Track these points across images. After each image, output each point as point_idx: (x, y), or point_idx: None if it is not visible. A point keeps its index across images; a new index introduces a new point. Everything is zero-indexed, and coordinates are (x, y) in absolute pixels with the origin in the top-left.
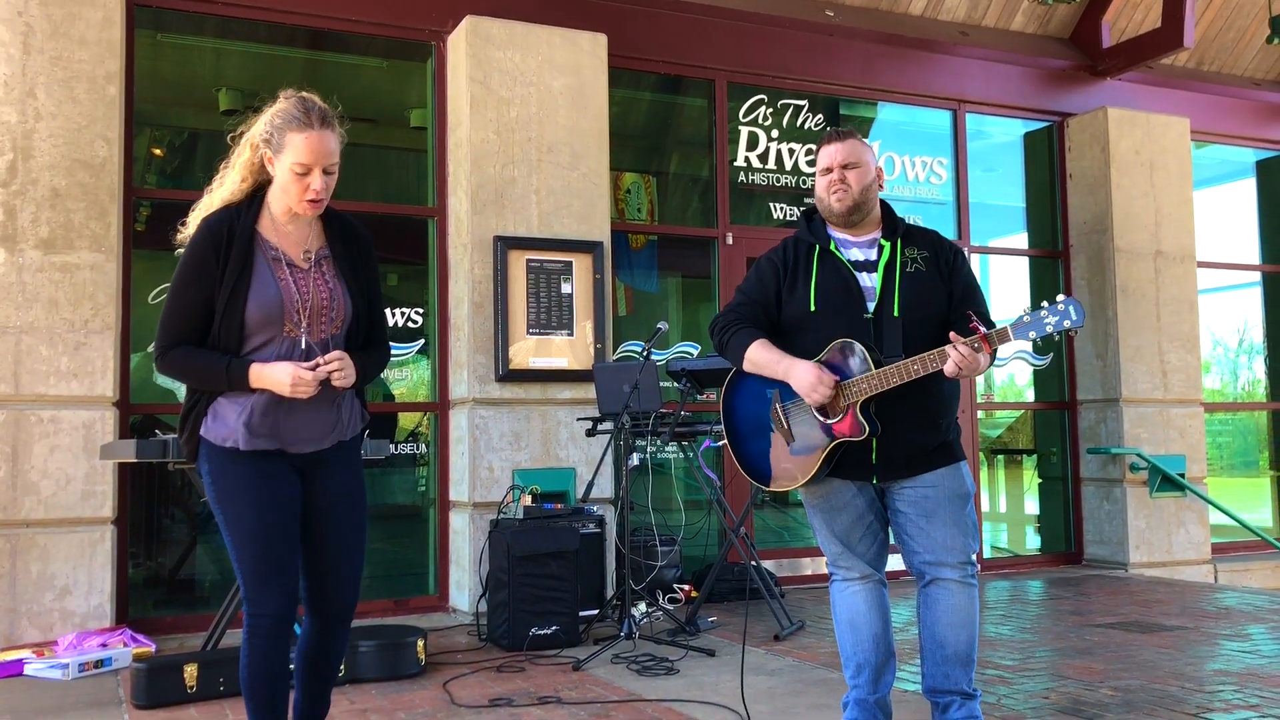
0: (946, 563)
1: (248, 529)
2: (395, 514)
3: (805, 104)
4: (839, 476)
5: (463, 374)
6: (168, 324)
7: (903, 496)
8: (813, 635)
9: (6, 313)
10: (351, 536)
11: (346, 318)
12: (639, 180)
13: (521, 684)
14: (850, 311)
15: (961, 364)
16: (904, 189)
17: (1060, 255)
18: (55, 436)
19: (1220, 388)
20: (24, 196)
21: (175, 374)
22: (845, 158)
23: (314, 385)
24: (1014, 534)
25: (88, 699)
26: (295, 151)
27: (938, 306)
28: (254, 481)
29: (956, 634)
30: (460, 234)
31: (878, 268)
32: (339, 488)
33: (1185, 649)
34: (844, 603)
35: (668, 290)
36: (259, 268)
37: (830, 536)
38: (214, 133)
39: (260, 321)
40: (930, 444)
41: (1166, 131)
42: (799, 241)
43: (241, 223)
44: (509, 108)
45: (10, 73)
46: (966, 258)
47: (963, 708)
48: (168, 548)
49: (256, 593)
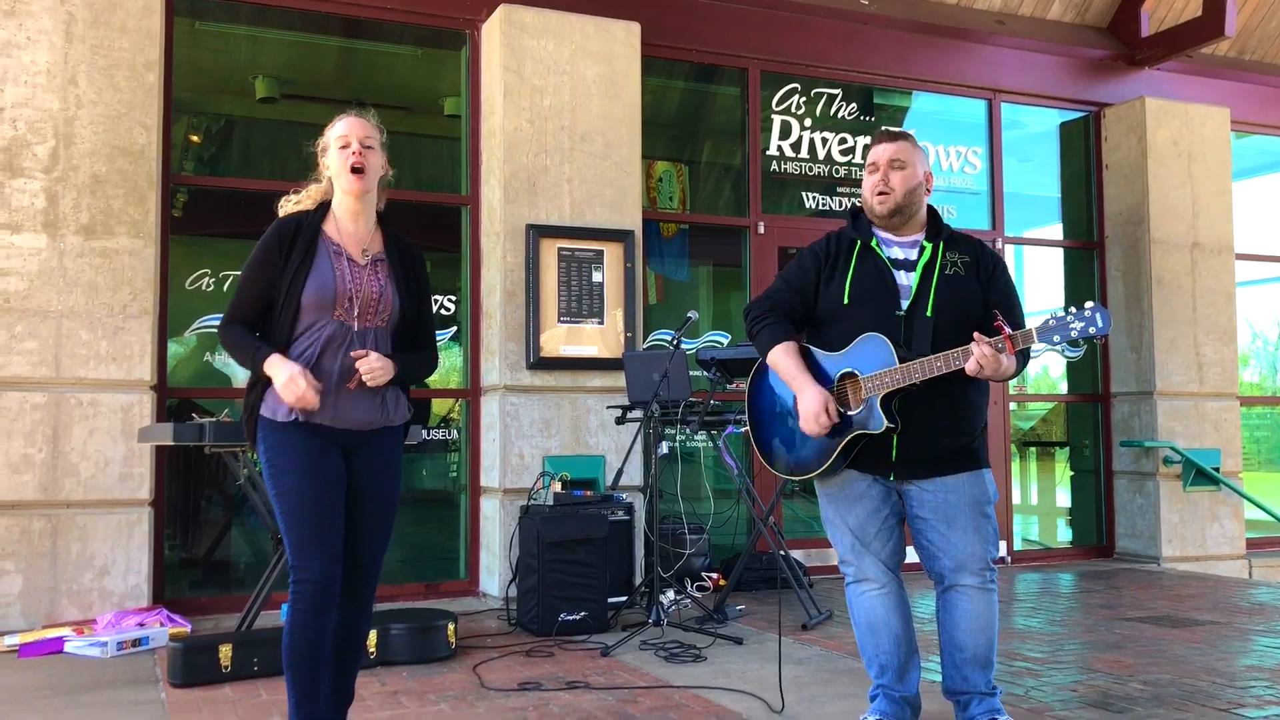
0: (967, 569)
1: (295, 500)
2: (427, 499)
3: (839, 93)
4: (856, 469)
5: (494, 361)
6: (233, 304)
7: (922, 501)
8: (840, 625)
9: (48, 297)
10: (381, 516)
11: (394, 314)
12: (671, 169)
13: (550, 668)
14: (883, 307)
15: (983, 362)
16: (938, 179)
17: (1095, 246)
18: (94, 419)
19: (1259, 381)
20: (65, 183)
21: (226, 346)
22: (893, 155)
23: (306, 399)
24: (1045, 526)
25: (125, 677)
26: (336, 132)
27: (972, 311)
28: (304, 456)
29: (975, 639)
30: (493, 222)
31: (916, 267)
32: (377, 469)
33: (1217, 644)
34: (861, 607)
35: (699, 279)
36: (320, 258)
37: (844, 529)
38: (251, 120)
39: (315, 303)
40: (952, 447)
41: (1206, 122)
42: (842, 236)
43: (309, 222)
44: (542, 96)
45: (53, 60)
46: (1007, 268)
47: (983, 703)
48: (203, 529)
49: (301, 559)
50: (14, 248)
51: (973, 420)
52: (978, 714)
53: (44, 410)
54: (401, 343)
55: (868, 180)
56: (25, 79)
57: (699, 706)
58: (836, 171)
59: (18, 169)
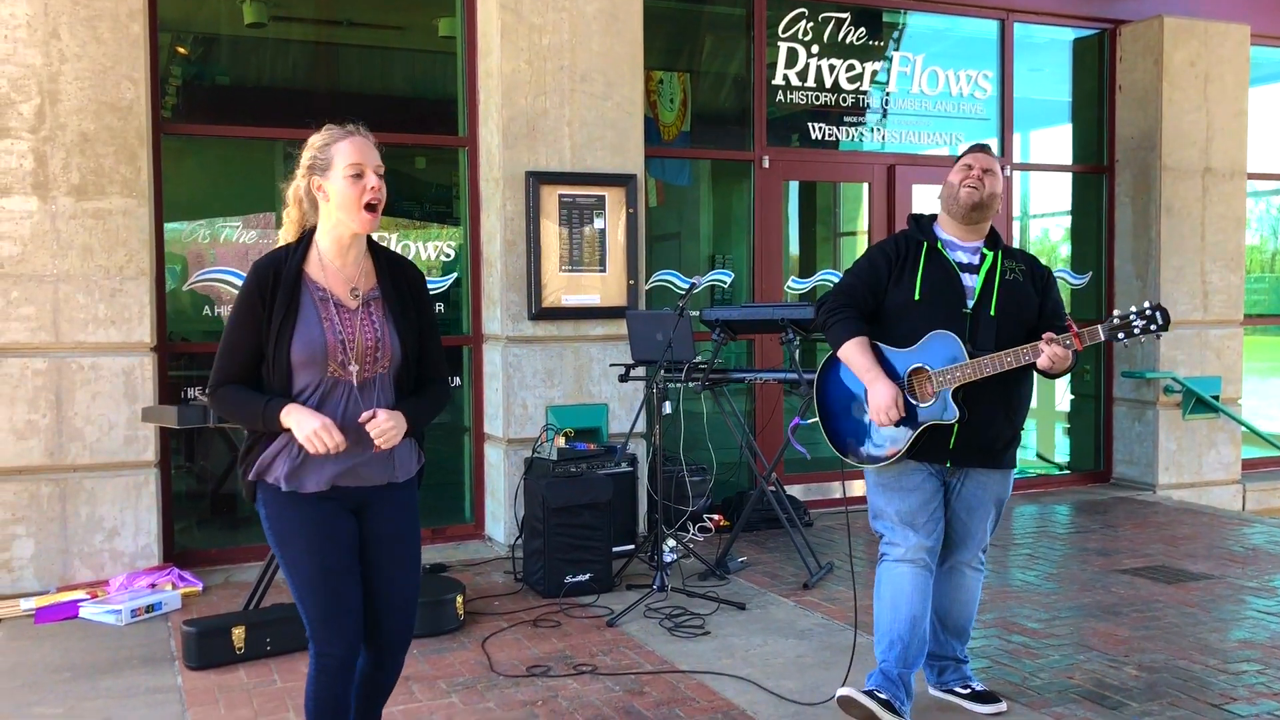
0: (970, 552)
1: (307, 572)
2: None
3: (847, 16)
4: (915, 459)
5: (495, 311)
6: (219, 364)
7: (958, 492)
8: (842, 581)
9: (43, 261)
10: (402, 575)
11: (394, 360)
12: (672, 75)
13: (557, 643)
14: (951, 305)
15: (1055, 359)
16: (947, 104)
17: (1105, 171)
18: (96, 384)
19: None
20: (53, 142)
21: (223, 411)
22: (986, 165)
23: (332, 446)
24: (1043, 447)
25: (141, 654)
26: (345, 156)
27: (1030, 313)
28: (310, 524)
29: (961, 610)
30: (492, 168)
31: (979, 271)
32: (390, 528)
33: (1210, 608)
34: (890, 579)
35: (699, 179)
36: (305, 309)
37: (893, 515)
38: (237, 37)
39: (305, 361)
40: (1004, 437)
41: (1225, 40)
42: (909, 237)
43: (288, 265)
44: (541, 35)
45: (32, 13)
46: (1056, 279)
47: (956, 670)
48: (209, 483)
49: (321, 632)
50: (5, 211)
51: (1023, 412)
52: (951, 681)
53: (45, 376)
54: (407, 383)
55: (959, 175)
56: (5, 33)
57: (705, 699)
58: (844, 100)
59: (3, 129)
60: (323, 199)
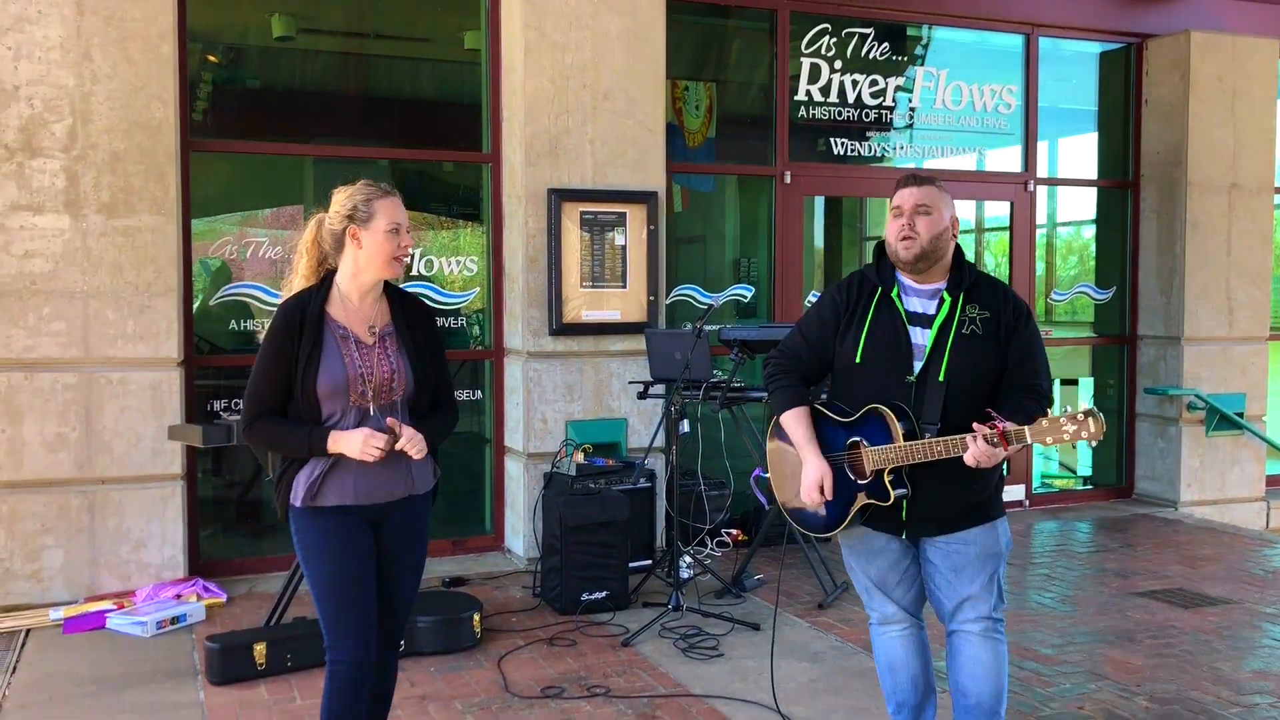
0: (970, 614)
1: (327, 583)
2: (452, 455)
3: (870, 32)
4: (872, 527)
5: (517, 326)
6: (253, 398)
7: (934, 548)
8: (857, 600)
9: (73, 278)
10: (407, 576)
11: (408, 389)
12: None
13: (572, 663)
14: (896, 371)
15: (980, 458)
16: (971, 119)
17: (1130, 186)
18: (125, 398)
19: None
20: (84, 161)
21: (261, 442)
22: (919, 200)
23: (383, 452)
24: (1066, 457)
25: (166, 668)
26: (386, 214)
27: (986, 373)
28: (331, 538)
29: (979, 685)
30: (514, 185)
31: (933, 324)
32: (404, 535)
33: (1226, 635)
34: (882, 646)
35: (724, 183)
36: (328, 346)
37: (865, 579)
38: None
39: (329, 394)
40: (965, 504)
41: (1254, 55)
42: (865, 280)
43: (312, 306)
44: (564, 53)
45: (65, 34)
46: (1032, 318)
47: None
48: (234, 494)
49: (335, 639)
50: (37, 229)
51: (983, 481)
52: None
53: (75, 390)
54: (420, 407)
55: (892, 225)
56: (39, 55)
57: None
58: (867, 115)
59: (37, 148)
60: (354, 246)
